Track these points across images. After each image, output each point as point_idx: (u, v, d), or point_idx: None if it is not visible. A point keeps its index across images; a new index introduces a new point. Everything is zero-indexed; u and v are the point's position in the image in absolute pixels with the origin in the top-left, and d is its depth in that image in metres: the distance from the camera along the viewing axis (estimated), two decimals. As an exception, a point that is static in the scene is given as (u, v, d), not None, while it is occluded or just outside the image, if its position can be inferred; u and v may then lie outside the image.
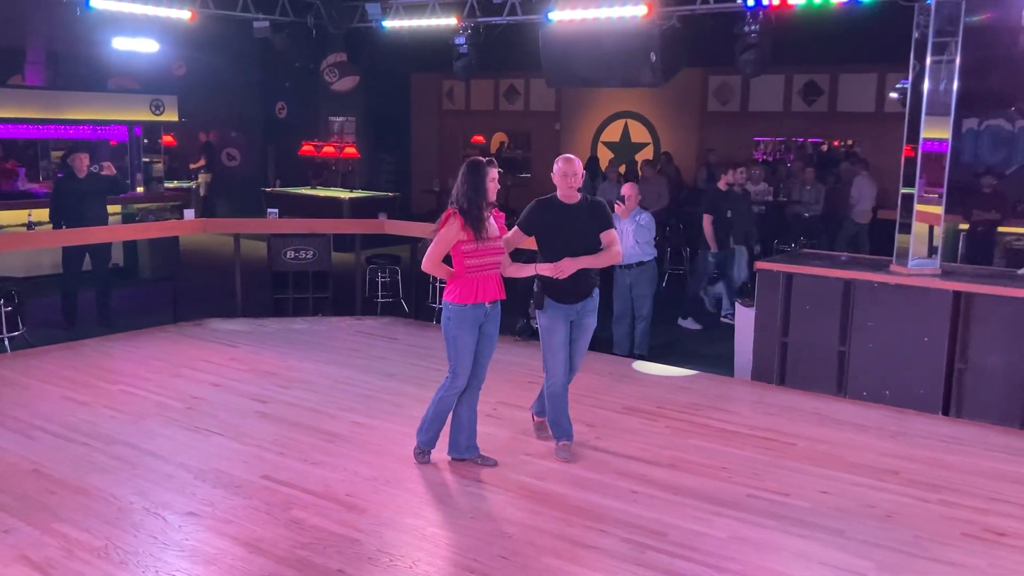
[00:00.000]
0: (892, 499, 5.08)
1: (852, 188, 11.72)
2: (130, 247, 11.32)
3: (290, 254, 9.54)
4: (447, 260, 5.20)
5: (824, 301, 7.09)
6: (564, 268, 5.23)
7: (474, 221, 5.05)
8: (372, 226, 10.18)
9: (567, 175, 5.32)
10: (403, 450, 5.64)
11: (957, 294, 6.58)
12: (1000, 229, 10.46)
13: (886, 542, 4.54)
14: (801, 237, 11.57)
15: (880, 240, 10.60)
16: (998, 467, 5.63)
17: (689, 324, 9.55)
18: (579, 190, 5.41)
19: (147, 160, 13.22)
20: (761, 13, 8.74)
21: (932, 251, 7.01)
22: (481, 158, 5.21)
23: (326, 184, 15.49)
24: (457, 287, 5.16)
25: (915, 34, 6.80)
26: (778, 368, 7.33)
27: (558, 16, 9.72)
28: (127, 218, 11.44)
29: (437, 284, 9.77)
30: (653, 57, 9.23)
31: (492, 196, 5.14)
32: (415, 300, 9.92)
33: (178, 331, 8.79)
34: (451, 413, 5.42)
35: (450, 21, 10.65)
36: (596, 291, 5.54)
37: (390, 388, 7.01)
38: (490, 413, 6.29)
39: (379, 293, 9.99)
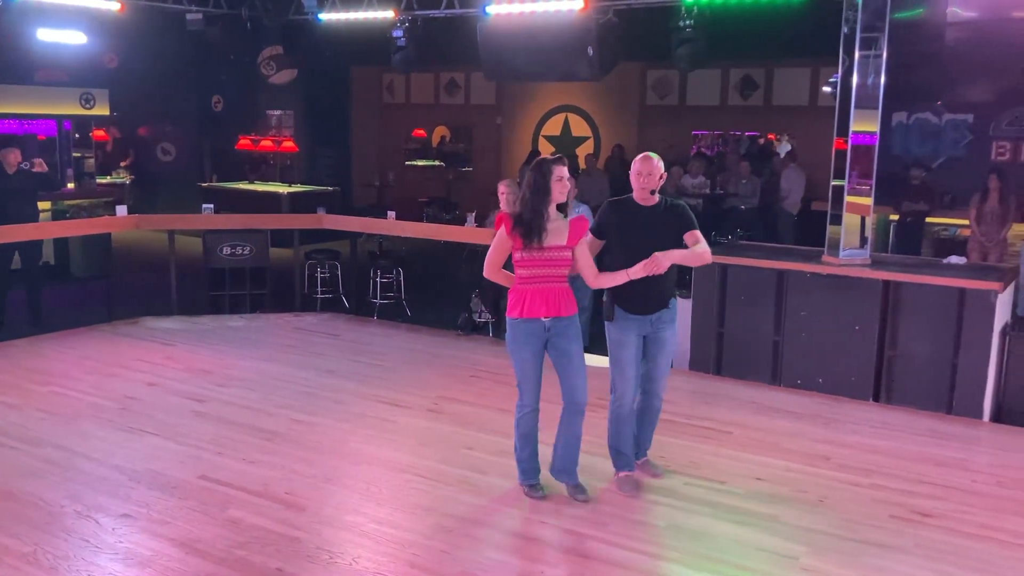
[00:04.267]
0: (825, 484, 5.21)
1: (782, 180, 12.07)
2: (61, 244, 11.00)
3: (227, 250, 9.39)
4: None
5: (759, 292, 7.22)
6: (659, 262, 4.58)
7: (523, 226, 4.57)
8: (311, 221, 10.07)
9: (640, 174, 4.82)
10: (343, 447, 5.61)
11: (887, 283, 6.76)
12: (928, 220, 10.80)
13: (818, 526, 4.66)
14: (738, 229, 11.75)
15: (813, 231, 10.82)
16: (924, 451, 5.81)
17: None
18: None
19: (78, 155, 12.88)
20: (696, 8, 8.84)
21: (863, 241, 7.18)
22: (547, 156, 4.71)
23: (264, 179, 15.27)
24: (511, 299, 4.75)
25: (844, 29, 6.95)
26: (714, 358, 7.45)
27: (495, 9, 9.71)
28: (58, 215, 11.13)
29: (378, 279, 9.73)
30: (590, 51, 9.26)
31: (561, 197, 4.61)
32: (355, 296, 9.85)
33: (112, 330, 8.60)
34: (519, 435, 4.89)
35: (387, 14, 10.55)
36: (674, 301, 5.01)
37: (330, 385, 6.95)
38: (431, 408, 6.29)
39: (318, 289, 9.91)
